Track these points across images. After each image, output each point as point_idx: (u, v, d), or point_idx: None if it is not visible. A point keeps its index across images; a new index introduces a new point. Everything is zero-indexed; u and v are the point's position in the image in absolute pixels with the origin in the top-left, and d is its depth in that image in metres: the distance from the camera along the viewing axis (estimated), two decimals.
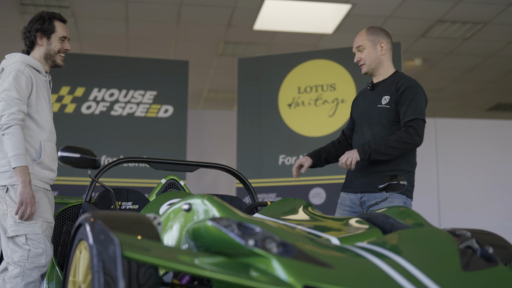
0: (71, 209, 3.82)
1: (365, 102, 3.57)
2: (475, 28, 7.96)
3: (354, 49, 3.60)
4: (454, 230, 2.44)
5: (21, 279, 3.07)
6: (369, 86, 3.58)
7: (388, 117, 3.43)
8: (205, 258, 2.06)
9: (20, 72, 3.21)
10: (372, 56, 3.53)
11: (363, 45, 3.55)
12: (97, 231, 2.02)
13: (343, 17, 7.66)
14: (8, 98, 3.13)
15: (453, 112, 12.27)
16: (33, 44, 3.39)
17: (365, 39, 3.56)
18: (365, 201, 3.47)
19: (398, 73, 3.56)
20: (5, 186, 3.15)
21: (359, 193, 3.49)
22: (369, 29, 3.60)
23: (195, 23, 7.98)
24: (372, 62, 3.54)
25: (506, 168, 8.13)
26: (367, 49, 3.54)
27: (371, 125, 3.48)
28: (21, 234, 3.11)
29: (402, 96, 3.40)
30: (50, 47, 3.39)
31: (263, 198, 6.48)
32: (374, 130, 3.46)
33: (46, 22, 3.41)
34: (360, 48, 3.56)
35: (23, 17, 7.61)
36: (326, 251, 2.17)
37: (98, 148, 6.55)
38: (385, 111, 3.44)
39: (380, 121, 3.45)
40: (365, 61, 3.54)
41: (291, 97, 6.73)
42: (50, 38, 3.40)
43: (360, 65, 3.58)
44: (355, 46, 3.59)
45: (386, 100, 3.45)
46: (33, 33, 3.38)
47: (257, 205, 3.58)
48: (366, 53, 3.54)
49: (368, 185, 3.44)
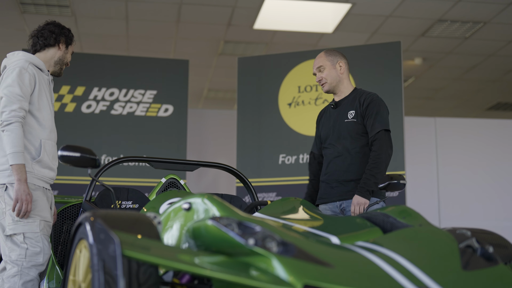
0: (71, 208, 3.83)
1: (330, 120, 3.77)
2: (475, 27, 7.96)
3: (315, 70, 3.79)
4: (454, 229, 2.44)
5: (19, 277, 3.07)
6: (333, 105, 3.78)
7: (357, 130, 3.63)
8: (205, 257, 2.06)
9: (24, 69, 3.22)
10: (332, 75, 3.74)
11: (323, 65, 3.74)
12: (97, 230, 2.02)
13: (343, 17, 7.66)
14: (11, 94, 3.14)
15: (453, 111, 12.28)
16: (53, 45, 3.43)
17: (325, 60, 3.75)
18: (344, 207, 3.62)
19: (358, 90, 3.78)
20: (4, 185, 3.15)
21: (338, 201, 3.64)
22: (327, 51, 3.80)
23: (195, 22, 7.98)
24: (332, 80, 3.74)
25: (506, 167, 8.13)
26: (327, 68, 3.74)
27: (341, 139, 3.67)
28: (19, 232, 3.11)
29: (367, 109, 3.61)
30: (66, 55, 3.50)
31: (263, 197, 6.48)
32: (345, 143, 3.65)
33: (70, 33, 3.52)
34: (320, 69, 3.75)
35: (23, 16, 7.61)
36: (326, 250, 2.17)
37: (98, 147, 6.55)
38: (352, 125, 3.64)
39: (350, 134, 3.64)
40: (326, 79, 3.73)
41: (291, 97, 6.73)
42: (68, 48, 3.51)
43: (321, 84, 3.77)
44: (316, 67, 3.78)
45: (352, 115, 3.66)
46: (61, 36, 3.45)
47: (257, 204, 3.58)
48: (327, 72, 3.74)
49: (346, 193, 3.61)
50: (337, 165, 3.64)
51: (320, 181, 3.78)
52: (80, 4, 7.37)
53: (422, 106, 11.96)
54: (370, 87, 6.49)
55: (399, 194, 6.12)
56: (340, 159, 3.64)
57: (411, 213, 2.62)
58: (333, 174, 3.64)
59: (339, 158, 3.64)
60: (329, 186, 3.68)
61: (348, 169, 3.60)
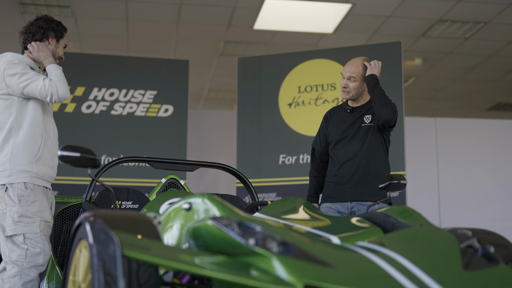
0: (71, 209, 3.82)
1: (344, 123, 3.87)
2: (475, 27, 7.96)
3: (345, 75, 3.82)
4: (455, 229, 2.43)
5: (19, 278, 3.07)
6: (349, 110, 3.88)
7: (372, 132, 3.77)
8: (206, 257, 2.06)
9: (15, 64, 3.23)
10: (359, 90, 3.83)
11: (356, 78, 3.81)
12: (97, 231, 2.02)
13: (343, 17, 7.66)
14: (29, 77, 3.19)
15: (453, 111, 12.28)
16: (41, 39, 3.39)
17: (360, 74, 3.82)
18: (355, 211, 3.68)
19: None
20: (4, 185, 3.15)
21: (349, 202, 3.71)
22: (364, 64, 3.84)
23: (195, 22, 7.97)
24: (356, 93, 3.84)
25: (506, 167, 8.13)
26: (358, 82, 3.82)
27: (356, 141, 3.79)
28: (19, 233, 3.11)
29: None
30: (57, 50, 3.46)
31: (263, 197, 6.47)
32: (359, 145, 3.77)
33: (59, 27, 3.47)
34: (351, 79, 3.82)
35: (23, 16, 7.61)
36: (327, 250, 2.17)
37: (98, 148, 6.54)
38: (369, 129, 3.78)
39: (366, 138, 3.77)
40: (351, 90, 3.82)
41: (291, 97, 6.72)
42: (59, 42, 3.46)
43: (343, 91, 3.85)
44: (348, 74, 3.82)
45: (368, 119, 3.80)
46: (49, 30, 3.41)
47: (257, 204, 3.58)
48: (355, 85, 3.82)
49: (359, 195, 3.69)
50: (351, 167, 3.74)
51: (327, 181, 3.85)
52: (80, 4, 7.36)
53: (422, 106, 11.96)
54: None
55: (400, 194, 6.12)
56: (354, 161, 3.74)
57: (412, 213, 2.62)
58: (346, 175, 3.74)
59: (353, 160, 3.75)
60: (340, 187, 3.75)
61: (363, 171, 3.72)
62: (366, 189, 3.68)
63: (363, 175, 3.72)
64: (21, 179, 3.16)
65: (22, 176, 3.17)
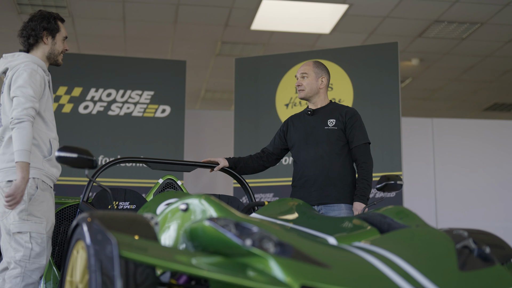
0: (69, 209, 3.82)
1: (305, 125, 3.90)
2: (472, 28, 7.97)
3: (298, 74, 3.91)
4: (451, 230, 2.44)
5: (21, 279, 3.05)
6: (310, 112, 3.91)
7: (336, 137, 3.79)
8: (203, 258, 2.07)
9: (35, 71, 3.20)
10: (312, 86, 3.87)
11: (308, 74, 3.88)
12: (95, 231, 2.02)
13: (340, 17, 7.67)
14: (23, 95, 3.12)
15: (450, 112, 12.29)
16: (37, 42, 3.35)
17: (311, 70, 3.89)
18: (323, 213, 3.69)
19: (334, 103, 3.98)
20: (11, 182, 3.13)
21: (316, 205, 3.72)
22: (316, 62, 3.93)
23: (193, 23, 7.97)
24: (310, 91, 3.88)
25: (503, 168, 8.14)
26: (310, 78, 3.87)
27: (319, 144, 3.81)
28: (25, 231, 3.09)
29: (350, 120, 3.80)
30: (55, 46, 3.40)
31: (260, 198, 6.48)
32: (323, 147, 3.79)
33: (52, 21, 3.40)
34: (304, 75, 3.88)
35: (20, 17, 7.60)
36: (323, 251, 2.17)
37: (96, 148, 6.55)
38: (332, 132, 3.80)
39: (329, 140, 3.79)
40: (305, 88, 3.87)
41: (288, 97, 6.73)
42: (55, 37, 3.41)
43: (298, 90, 3.91)
44: (300, 72, 3.90)
45: (332, 123, 3.82)
46: (40, 31, 3.35)
47: (254, 205, 3.59)
48: (308, 81, 3.87)
49: (325, 197, 3.72)
50: (315, 170, 3.75)
51: (293, 185, 3.88)
52: (77, 4, 7.36)
53: (419, 106, 11.98)
54: (367, 88, 6.53)
55: (396, 194, 6.13)
56: (318, 163, 3.76)
57: (408, 214, 2.62)
58: (311, 178, 3.75)
59: (317, 163, 3.76)
60: (306, 190, 3.77)
61: (328, 174, 3.73)
62: (332, 191, 3.69)
63: (328, 177, 3.73)
64: (32, 174, 3.14)
65: (33, 172, 3.14)
